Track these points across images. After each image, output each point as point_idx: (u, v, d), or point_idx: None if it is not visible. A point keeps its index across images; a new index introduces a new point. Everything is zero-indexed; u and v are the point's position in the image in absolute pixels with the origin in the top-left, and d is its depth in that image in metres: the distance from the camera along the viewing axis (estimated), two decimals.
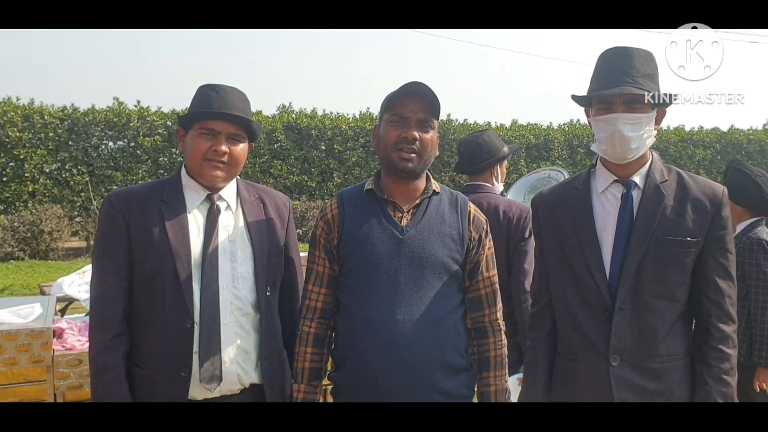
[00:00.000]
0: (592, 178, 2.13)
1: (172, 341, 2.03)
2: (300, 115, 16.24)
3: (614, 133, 1.96)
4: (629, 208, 2.01)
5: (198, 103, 2.14)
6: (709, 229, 1.97)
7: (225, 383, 2.07)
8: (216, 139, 2.11)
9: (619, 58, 1.98)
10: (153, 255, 2.05)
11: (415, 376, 2.03)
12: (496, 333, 2.21)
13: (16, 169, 13.22)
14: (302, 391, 2.17)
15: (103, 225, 2.10)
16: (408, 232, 2.10)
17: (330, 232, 2.17)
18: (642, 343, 1.96)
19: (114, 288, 2.05)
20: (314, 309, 2.19)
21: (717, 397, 1.93)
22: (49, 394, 2.59)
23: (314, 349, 2.18)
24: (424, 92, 2.08)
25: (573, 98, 2.11)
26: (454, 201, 2.22)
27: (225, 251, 2.13)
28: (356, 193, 2.21)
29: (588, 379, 2.02)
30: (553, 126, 19.43)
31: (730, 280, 1.99)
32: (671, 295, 1.97)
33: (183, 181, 2.18)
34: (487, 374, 2.19)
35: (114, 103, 14.47)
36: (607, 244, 2.01)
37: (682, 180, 2.03)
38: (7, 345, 2.50)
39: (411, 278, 2.07)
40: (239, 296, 2.12)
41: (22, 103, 13.69)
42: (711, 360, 1.95)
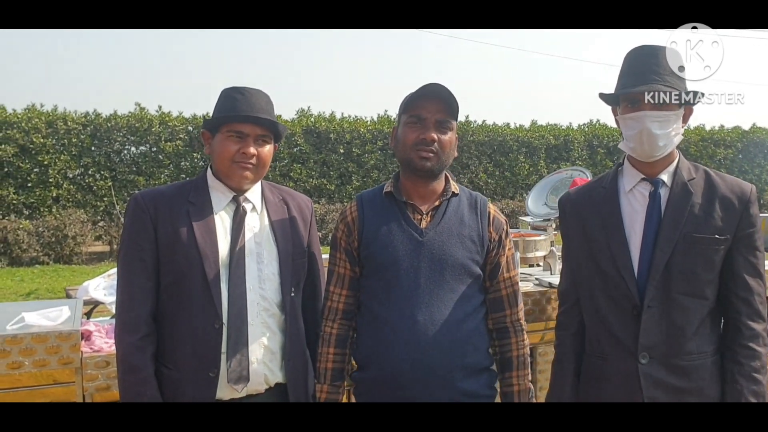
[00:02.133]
0: (620, 177, 2.12)
1: (201, 342, 2.04)
2: (319, 118, 16.30)
3: (642, 131, 1.96)
4: (657, 206, 2.00)
5: (224, 107, 2.15)
6: (737, 227, 1.96)
7: (252, 383, 2.09)
8: (244, 142, 2.12)
9: (646, 55, 1.98)
10: (181, 256, 2.06)
11: (436, 377, 2.03)
12: (518, 333, 2.21)
13: (41, 174, 13.38)
14: (325, 392, 2.19)
15: (129, 225, 2.11)
16: (427, 234, 2.10)
17: (350, 235, 2.19)
18: (671, 341, 1.95)
19: (141, 289, 2.06)
20: (336, 310, 2.20)
21: (748, 395, 1.91)
22: (78, 396, 2.62)
23: (336, 350, 2.19)
24: (442, 93, 2.09)
25: (600, 96, 2.10)
26: (474, 202, 2.22)
27: (251, 252, 2.15)
28: (376, 196, 2.22)
29: (617, 377, 2.01)
30: (572, 126, 19.32)
31: (760, 278, 1.97)
32: (700, 293, 1.96)
33: (209, 182, 2.19)
34: (510, 374, 2.20)
35: (136, 108, 14.59)
36: (635, 242, 2.01)
37: (710, 178, 2.02)
38: (37, 347, 2.53)
39: (431, 280, 2.07)
40: (266, 297, 2.14)
41: (46, 110, 13.84)
42: (741, 358, 1.94)
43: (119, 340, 2.05)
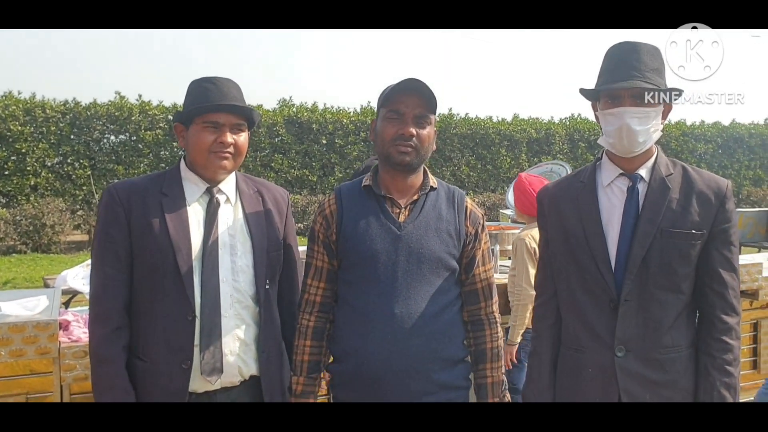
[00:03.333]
0: (598, 171, 2.14)
1: (174, 334, 2.04)
2: (301, 109, 16.24)
3: (622, 127, 1.97)
4: (635, 201, 2.02)
5: (196, 98, 2.14)
6: (713, 222, 1.98)
7: (226, 375, 2.08)
8: (220, 131, 2.11)
9: (627, 52, 1.99)
10: (153, 248, 2.05)
11: (413, 368, 2.05)
12: (492, 325, 2.24)
13: (18, 162, 13.24)
14: (301, 384, 2.19)
15: (102, 217, 2.10)
16: (405, 228, 2.11)
17: (328, 228, 2.19)
18: (647, 335, 1.98)
19: (114, 280, 2.05)
20: (313, 303, 2.21)
21: (721, 387, 1.94)
22: (56, 386, 2.60)
23: (313, 342, 2.20)
24: (420, 88, 2.09)
25: (581, 92, 2.11)
26: (451, 196, 2.23)
27: (225, 244, 2.14)
28: (354, 189, 2.22)
29: (593, 369, 2.03)
30: (554, 120, 19.41)
31: (734, 273, 2.00)
32: (676, 287, 1.98)
33: (183, 173, 2.18)
34: (483, 366, 2.23)
35: (116, 97, 14.48)
36: (612, 236, 2.03)
37: (687, 174, 2.04)
38: (14, 337, 2.51)
39: (408, 273, 2.09)
40: (239, 289, 2.13)
41: (24, 97, 13.71)
42: (714, 351, 1.97)
43: (91, 332, 2.05)
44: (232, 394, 2.12)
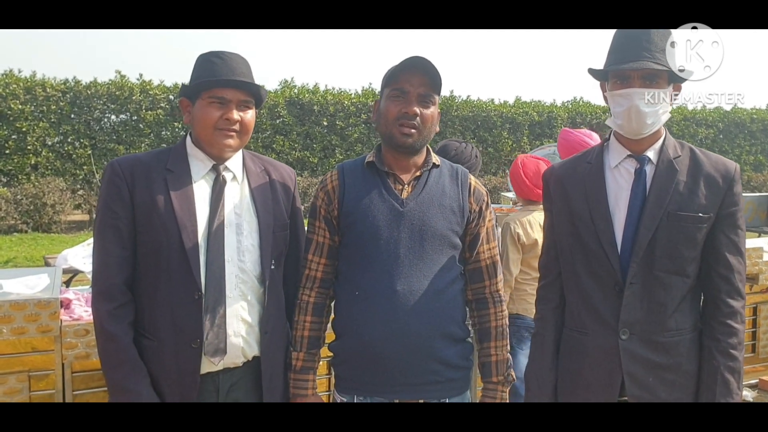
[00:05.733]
0: (605, 153, 2.12)
1: (181, 313, 2.01)
2: (302, 90, 16.17)
3: (631, 108, 1.95)
4: (642, 183, 2.01)
5: (203, 72, 2.10)
6: (720, 205, 1.97)
7: (229, 356, 2.07)
8: (227, 107, 2.07)
9: (636, 32, 1.96)
10: (158, 226, 2.01)
11: (413, 345, 2.05)
12: (496, 304, 2.24)
13: (19, 141, 13.21)
14: (301, 359, 2.19)
15: (105, 193, 2.06)
16: (408, 204, 2.11)
17: (330, 203, 2.18)
18: (651, 318, 1.97)
19: (116, 257, 2.02)
20: (314, 279, 2.21)
21: (725, 371, 1.94)
22: (57, 364, 2.61)
23: (313, 318, 2.20)
24: (425, 66, 2.07)
25: (589, 72, 2.09)
26: (455, 173, 2.23)
27: (231, 224, 2.10)
28: (357, 166, 2.21)
29: (597, 352, 2.02)
30: (556, 103, 19.35)
31: (740, 256, 1.99)
32: (682, 271, 1.97)
33: (189, 150, 2.14)
34: (488, 344, 2.23)
35: (116, 76, 14.41)
36: (619, 218, 2.01)
37: (695, 156, 2.02)
38: (16, 315, 2.51)
39: (411, 250, 2.08)
40: (244, 269, 2.10)
41: (24, 76, 13.64)
42: (719, 335, 1.96)
43: (95, 309, 2.02)
44: (234, 374, 2.11)
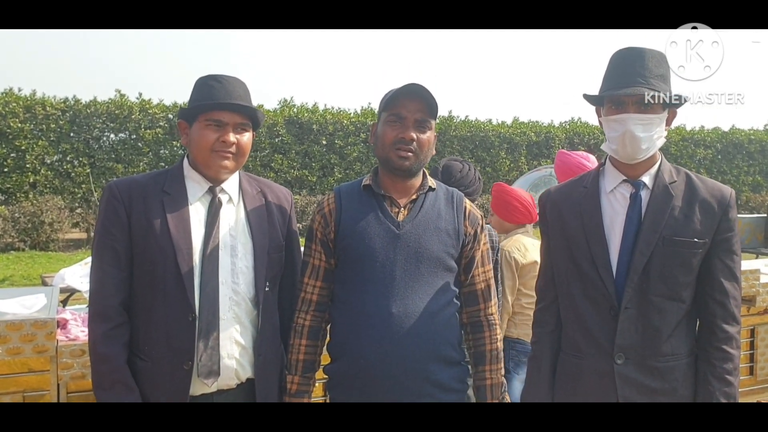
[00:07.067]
0: (601, 177, 2.13)
1: (175, 334, 2.02)
2: (301, 109, 16.24)
3: (625, 133, 1.96)
4: (638, 208, 2.02)
5: (201, 95, 2.12)
6: (716, 230, 1.97)
7: (222, 378, 2.07)
8: (223, 130, 2.09)
9: (631, 58, 1.98)
10: (154, 247, 2.03)
11: (409, 368, 2.05)
12: (491, 327, 2.25)
13: (18, 159, 13.22)
14: (296, 383, 2.19)
15: (103, 214, 2.08)
16: (404, 227, 2.12)
17: (327, 226, 2.19)
18: (647, 342, 1.97)
19: (113, 278, 2.03)
20: (309, 302, 2.21)
21: (720, 396, 1.94)
22: (53, 384, 2.59)
23: (309, 342, 2.20)
24: (422, 93, 2.10)
25: (585, 97, 2.11)
26: (450, 197, 2.24)
27: (226, 245, 2.12)
28: (353, 188, 2.23)
29: (592, 376, 2.03)
30: (554, 124, 19.43)
31: (736, 282, 1.99)
32: (677, 296, 1.98)
33: (185, 172, 2.16)
34: (483, 368, 2.23)
35: (116, 95, 14.46)
36: (614, 243, 2.02)
37: (691, 181, 2.03)
38: (12, 335, 2.50)
39: (407, 272, 2.09)
40: (238, 291, 2.11)
41: (24, 94, 13.68)
42: (714, 360, 1.96)
43: (91, 330, 2.03)
44: (228, 396, 2.11)
